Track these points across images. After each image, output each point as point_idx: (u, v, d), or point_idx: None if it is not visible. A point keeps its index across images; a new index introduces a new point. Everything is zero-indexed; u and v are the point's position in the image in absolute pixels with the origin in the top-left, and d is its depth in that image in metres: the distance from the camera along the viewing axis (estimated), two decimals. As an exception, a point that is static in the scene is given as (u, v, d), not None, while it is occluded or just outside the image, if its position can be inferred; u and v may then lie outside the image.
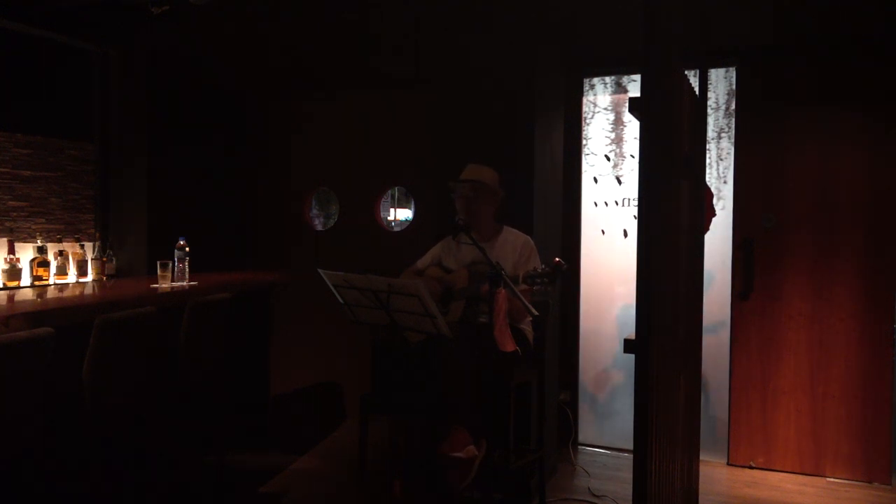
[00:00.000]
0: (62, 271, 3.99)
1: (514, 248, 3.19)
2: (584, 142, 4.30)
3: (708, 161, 3.88)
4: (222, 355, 3.46)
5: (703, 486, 3.41)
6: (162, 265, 3.47)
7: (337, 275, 2.72)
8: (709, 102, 3.61)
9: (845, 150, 3.76)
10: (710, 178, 4.01)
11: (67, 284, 3.94)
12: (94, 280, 4.12)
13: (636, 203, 4.12)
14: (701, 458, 3.31)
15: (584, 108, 4.31)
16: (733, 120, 3.98)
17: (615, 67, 4.22)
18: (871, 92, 3.71)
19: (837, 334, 3.77)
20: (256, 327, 4.56)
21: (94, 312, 2.62)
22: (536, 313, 2.74)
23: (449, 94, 3.78)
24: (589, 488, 3.61)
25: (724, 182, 4.03)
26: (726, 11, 3.43)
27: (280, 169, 4.88)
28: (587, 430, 4.32)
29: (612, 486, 3.62)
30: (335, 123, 4.73)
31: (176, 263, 3.52)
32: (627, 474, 2.93)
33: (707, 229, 3.89)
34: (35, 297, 3.18)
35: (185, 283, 3.49)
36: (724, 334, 4.01)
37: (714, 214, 4.01)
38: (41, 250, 3.91)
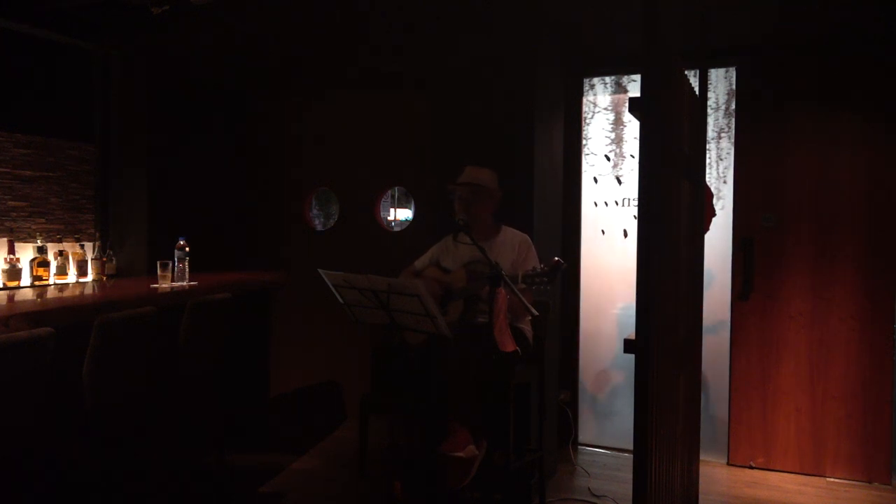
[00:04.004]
0: (62, 271, 3.99)
1: (512, 247, 3.19)
2: (584, 142, 4.30)
3: (708, 161, 3.88)
4: (222, 355, 3.46)
5: (703, 486, 3.41)
6: (162, 265, 3.47)
7: (337, 275, 2.72)
8: (709, 102, 3.61)
9: (845, 149, 3.76)
10: (710, 178, 4.01)
11: (67, 284, 3.94)
12: (94, 280, 4.13)
13: (636, 203, 4.12)
14: (701, 458, 3.31)
15: (584, 108, 4.31)
16: (733, 120, 3.98)
17: (615, 67, 4.22)
18: (871, 92, 3.71)
19: (837, 334, 3.77)
20: (256, 327, 4.56)
21: (94, 312, 2.62)
22: (536, 313, 2.74)
23: (449, 94, 3.78)
24: (589, 488, 3.61)
25: (724, 182, 4.03)
26: (726, 11, 3.43)
27: (280, 169, 4.88)
28: (587, 430, 4.32)
29: (612, 486, 3.62)
30: (335, 123, 4.73)
31: (176, 263, 3.52)
32: (627, 474, 2.93)
33: (707, 229, 3.89)
34: (35, 297, 3.18)
35: (185, 283, 3.49)
36: (724, 334, 4.01)
37: (714, 214, 4.01)
38: (41, 250, 3.91)
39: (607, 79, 4.27)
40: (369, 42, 4.21)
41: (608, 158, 4.28)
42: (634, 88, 4.22)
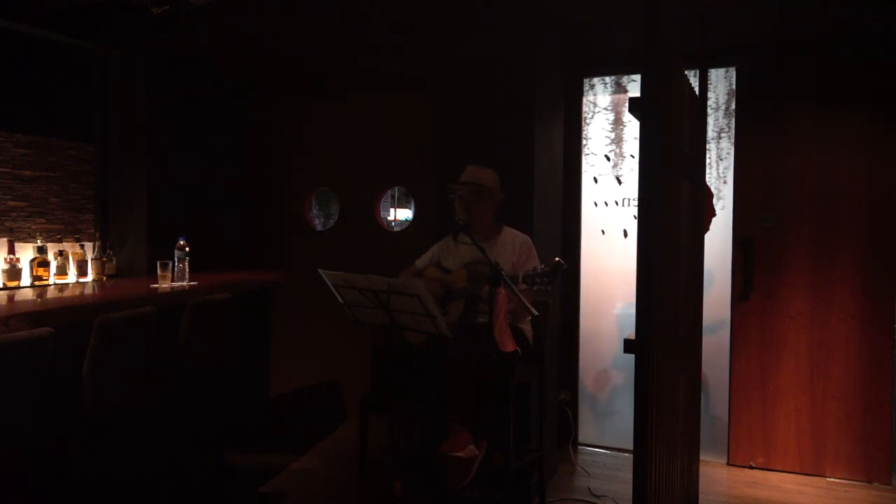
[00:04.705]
0: (62, 271, 3.98)
1: (513, 248, 3.19)
2: (584, 142, 4.30)
3: (708, 161, 3.88)
4: (222, 355, 3.46)
5: (703, 486, 3.41)
6: (162, 265, 3.47)
7: (337, 275, 2.72)
8: (709, 102, 3.61)
9: (845, 149, 3.76)
10: (710, 178, 4.01)
11: (67, 284, 3.94)
12: (94, 280, 4.12)
13: (636, 203, 4.12)
14: (701, 458, 3.31)
15: (584, 108, 4.31)
16: (733, 120, 3.98)
17: (615, 67, 4.22)
18: (871, 92, 3.71)
19: (837, 334, 3.77)
20: (256, 327, 4.56)
21: (94, 312, 2.61)
22: (536, 313, 2.74)
23: (449, 94, 3.78)
24: (589, 488, 3.61)
25: (724, 182, 4.03)
26: (726, 11, 3.43)
27: (280, 169, 4.88)
28: (587, 430, 4.32)
29: (612, 486, 3.62)
30: (335, 123, 4.73)
31: (176, 263, 3.52)
32: (627, 474, 2.93)
33: (707, 229, 3.89)
34: (35, 297, 3.18)
35: (185, 283, 3.49)
36: (724, 334, 4.01)
37: (714, 214, 4.01)
38: (41, 250, 3.91)
39: (607, 79, 4.27)
40: (369, 42, 4.21)
41: (608, 158, 4.28)
42: (634, 88, 4.22)
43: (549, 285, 2.83)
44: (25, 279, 3.85)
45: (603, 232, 4.28)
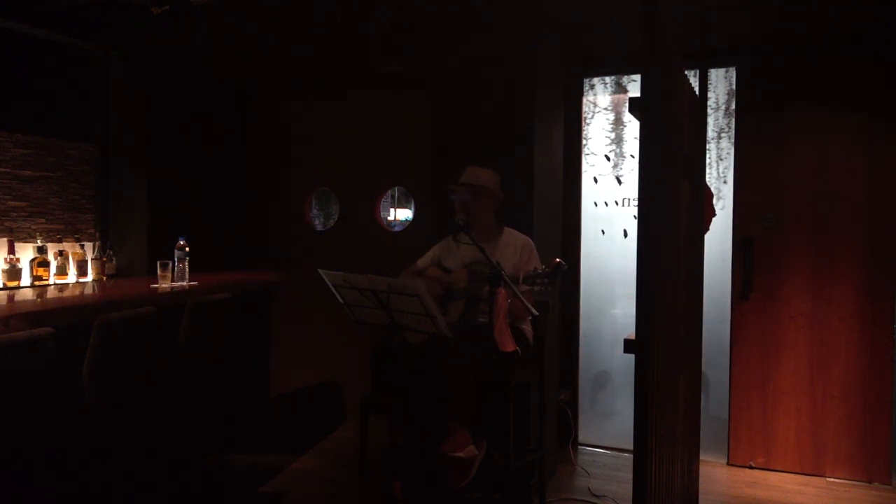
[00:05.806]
0: (62, 271, 3.98)
1: (514, 248, 3.19)
2: (584, 142, 4.30)
3: (708, 161, 3.88)
4: (222, 355, 3.46)
5: (703, 486, 3.41)
6: (162, 265, 3.47)
7: (337, 275, 2.72)
8: (709, 102, 3.61)
9: (845, 149, 3.76)
10: (710, 178, 4.01)
11: (67, 284, 3.94)
12: (94, 280, 4.12)
13: (636, 203, 4.12)
14: (701, 458, 3.31)
15: (584, 108, 4.31)
16: (733, 120, 3.98)
17: (615, 67, 4.22)
18: (870, 92, 3.71)
19: (837, 334, 3.77)
20: (256, 327, 4.56)
21: (94, 312, 2.62)
22: (537, 313, 2.74)
23: (449, 94, 3.78)
24: (589, 488, 3.61)
25: (724, 182, 4.03)
26: (726, 11, 3.43)
27: (280, 169, 4.88)
28: (587, 430, 4.32)
29: (612, 486, 3.63)
30: (335, 123, 4.73)
31: (176, 263, 3.52)
32: (627, 474, 2.92)
33: (707, 229, 3.89)
34: (35, 297, 3.18)
35: (185, 283, 3.49)
36: (724, 334, 4.01)
37: (714, 214, 4.01)
38: (41, 250, 3.91)
39: (607, 79, 4.27)
40: (369, 42, 4.21)
41: (608, 158, 4.28)
42: (634, 88, 4.22)
43: (550, 286, 2.83)
44: (25, 279, 3.85)
45: (603, 232, 4.28)
